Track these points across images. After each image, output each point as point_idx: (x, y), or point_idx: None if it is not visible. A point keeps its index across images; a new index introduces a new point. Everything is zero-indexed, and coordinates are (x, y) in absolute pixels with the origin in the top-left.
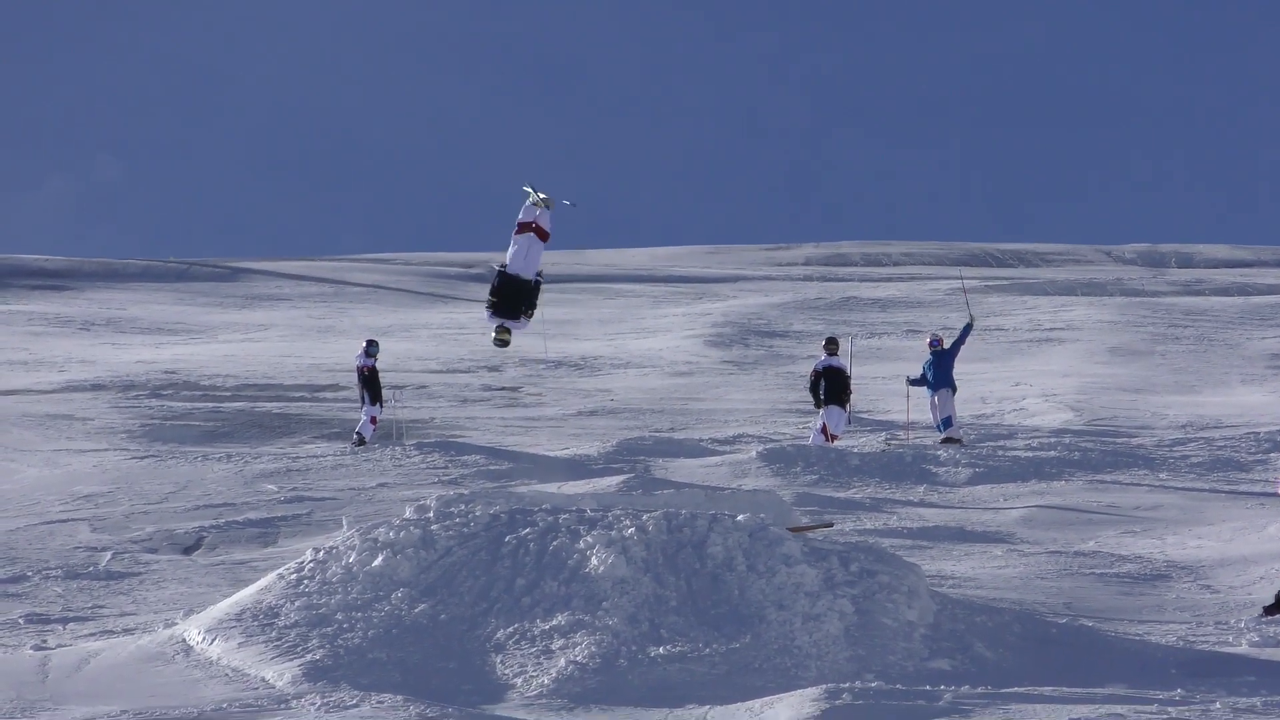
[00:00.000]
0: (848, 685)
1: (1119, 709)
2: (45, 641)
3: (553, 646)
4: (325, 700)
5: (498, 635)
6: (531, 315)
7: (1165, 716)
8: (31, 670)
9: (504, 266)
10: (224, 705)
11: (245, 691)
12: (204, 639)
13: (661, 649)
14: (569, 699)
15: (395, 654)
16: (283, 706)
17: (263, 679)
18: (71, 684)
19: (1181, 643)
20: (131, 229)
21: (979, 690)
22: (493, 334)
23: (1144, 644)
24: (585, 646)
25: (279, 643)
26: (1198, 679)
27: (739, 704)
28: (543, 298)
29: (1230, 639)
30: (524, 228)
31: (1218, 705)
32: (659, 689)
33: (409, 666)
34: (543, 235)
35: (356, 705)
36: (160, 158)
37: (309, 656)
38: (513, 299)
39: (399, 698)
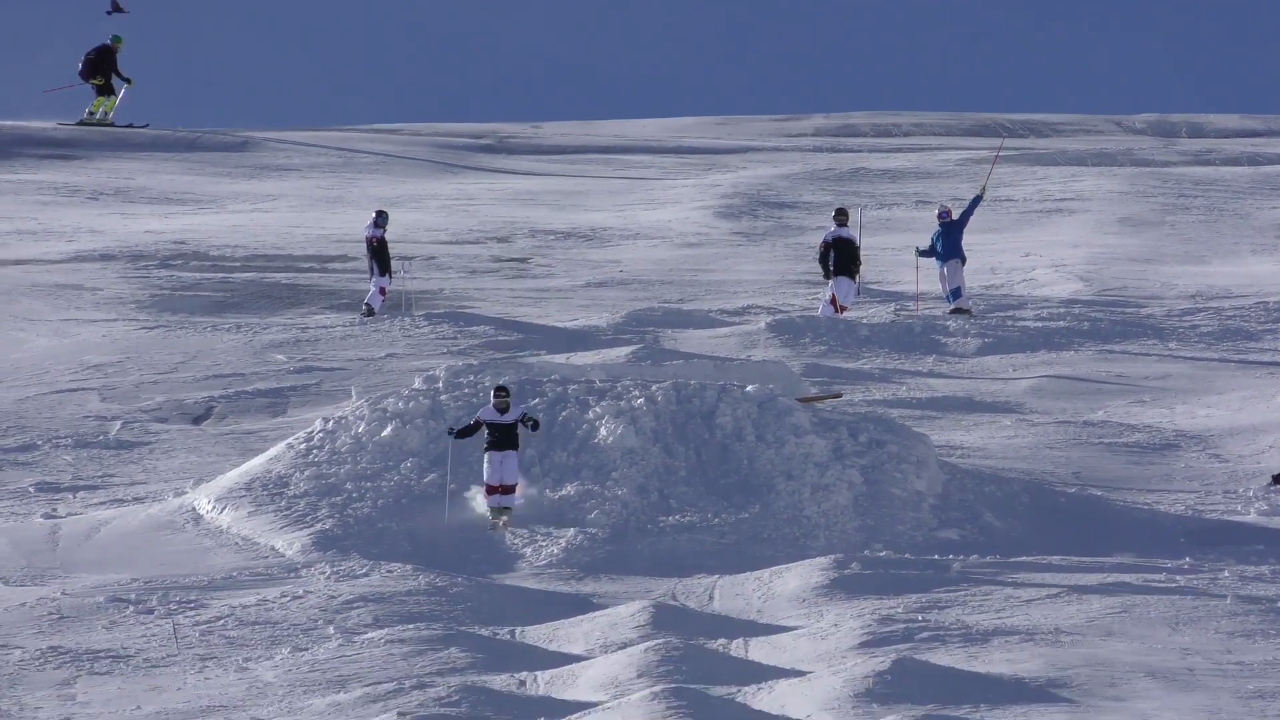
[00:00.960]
0: (857, 555)
1: (1127, 577)
2: (55, 510)
3: (563, 516)
4: (335, 569)
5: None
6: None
7: (1173, 585)
8: (42, 538)
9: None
10: (234, 574)
11: (255, 560)
12: (214, 508)
13: (670, 519)
14: (578, 568)
15: (404, 523)
16: (292, 575)
17: (272, 548)
18: (81, 552)
19: (1190, 511)
20: (140, 98)
21: (987, 559)
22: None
23: (1152, 513)
24: (595, 517)
25: (288, 512)
26: (1206, 547)
27: (748, 573)
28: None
29: (1239, 508)
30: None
31: (1226, 573)
32: (668, 559)
33: (418, 536)
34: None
35: (366, 574)
36: (166, 23)
37: (318, 526)
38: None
39: (408, 567)
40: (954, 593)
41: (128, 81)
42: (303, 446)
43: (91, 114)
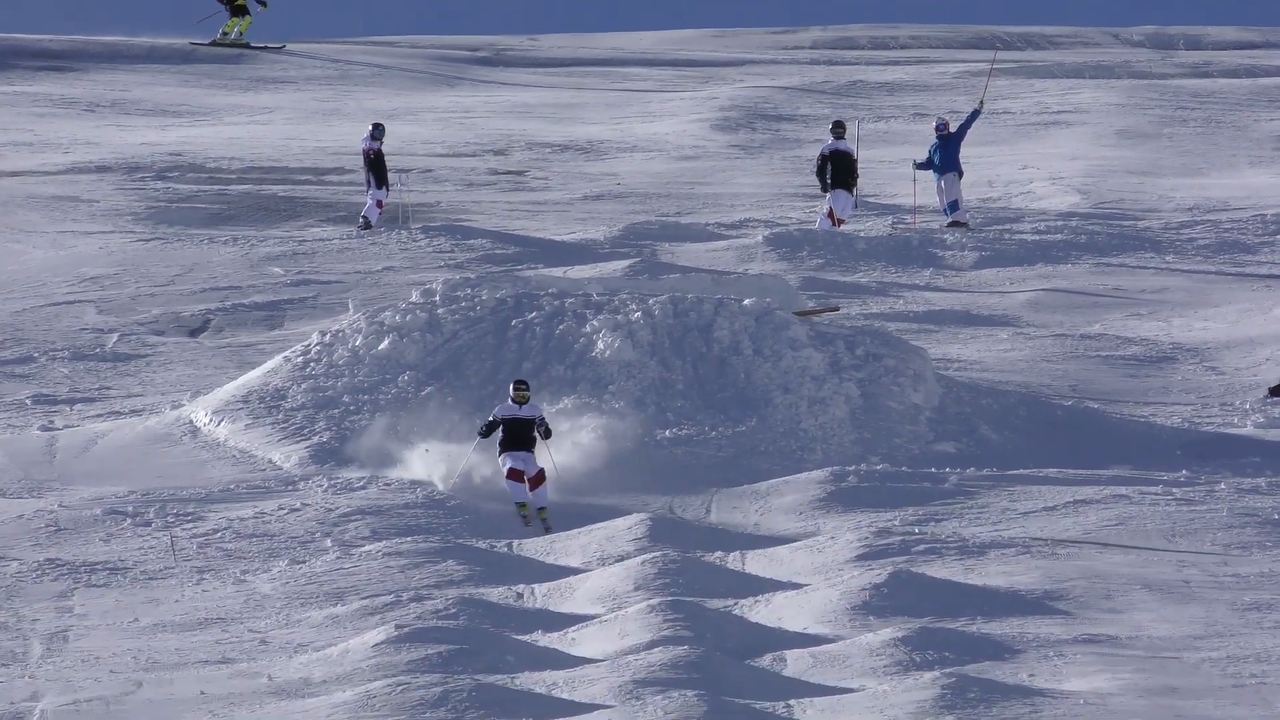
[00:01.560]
0: (853, 468)
1: (1124, 490)
2: (52, 422)
3: (560, 430)
4: (332, 482)
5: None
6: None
7: (1170, 497)
8: (39, 450)
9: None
10: (231, 486)
11: (253, 473)
12: (211, 421)
13: (668, 432)
14: (574, 480)
15: (402, 436)
16: (289, 488)
17: (270, 460)
18: (79, 464)
19: (1186, 424)
20: (135, 8)
21: (984, 472)
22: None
23: (1149, 426)
24: (592, 429)
25: (286, 425)
26: (1202, 460)
27: (745, 486)
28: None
29: (1235, 420)
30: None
31: (1222, 486)
32: (665, 472)
33: (415, 448)
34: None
35: (363, 487)
36: None
37: (316, 439)
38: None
39: (406, 479)
40: (950, 505)
41: (263, 5)
42: (300, 360)
43: (225, 34)
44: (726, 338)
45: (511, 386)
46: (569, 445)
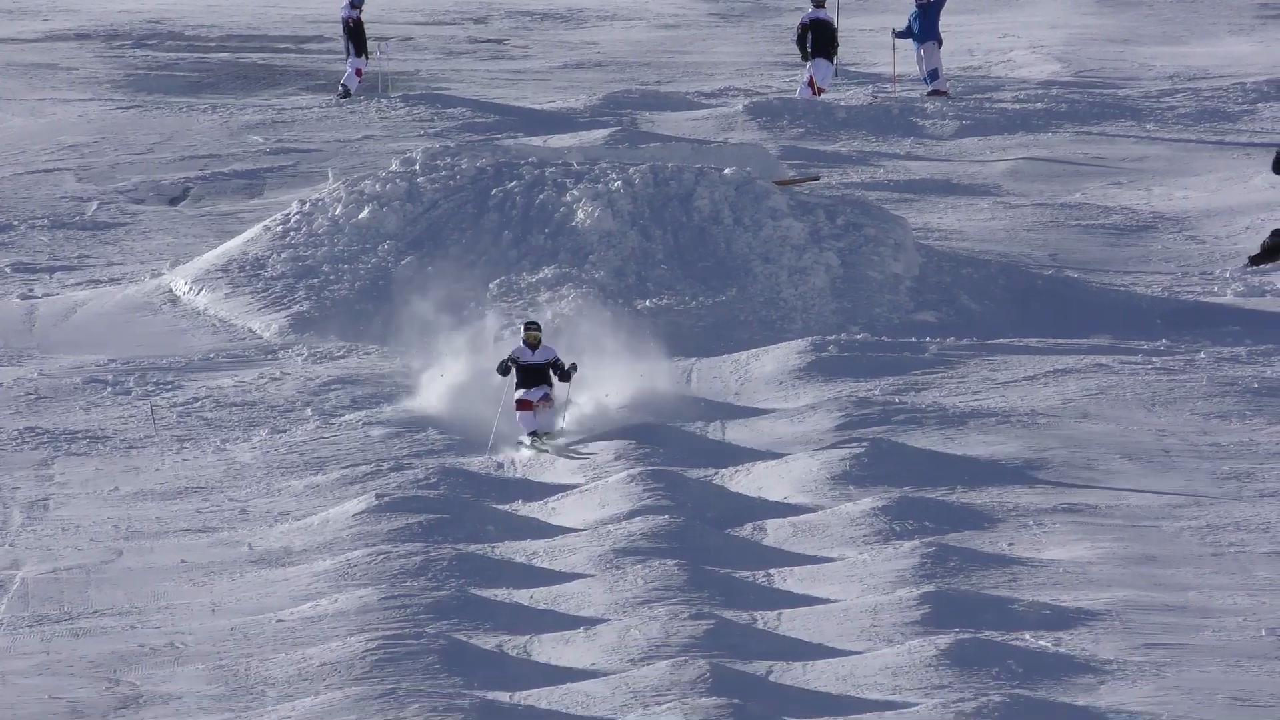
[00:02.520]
0: (833, 338)
1: (1104, 359)
2: (32, 291)
3: (540, 299)
4: (312, 351)
5: (484, 289)
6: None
7: (1150, 366)
8: (19, 319)
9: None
10: (211, 355)
11: (232, 342)
12: (191, 289)
13: (648, 302)
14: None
15: (382, 306)
16: (270, 357)
17: (250, 329)
18: (59, 333)
19: (1166, 293)
20: None
21: (964, 342)
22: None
23: (1129, 295)
24: (572, 299)
25: (265, 294)
26: (1182, 329)
27: (725, 356)
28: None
29: (1215, 289)
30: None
31: (1202, 355)
32: (645, 341)
33: (396, 318)
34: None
35: (343, 355)
36: None
37: (295, 308)
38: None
39: (385, 348)
40: (931, 375)
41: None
42: (279, 229)
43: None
44: (707, 207)
45: (523, 327)
46: (549, 315)
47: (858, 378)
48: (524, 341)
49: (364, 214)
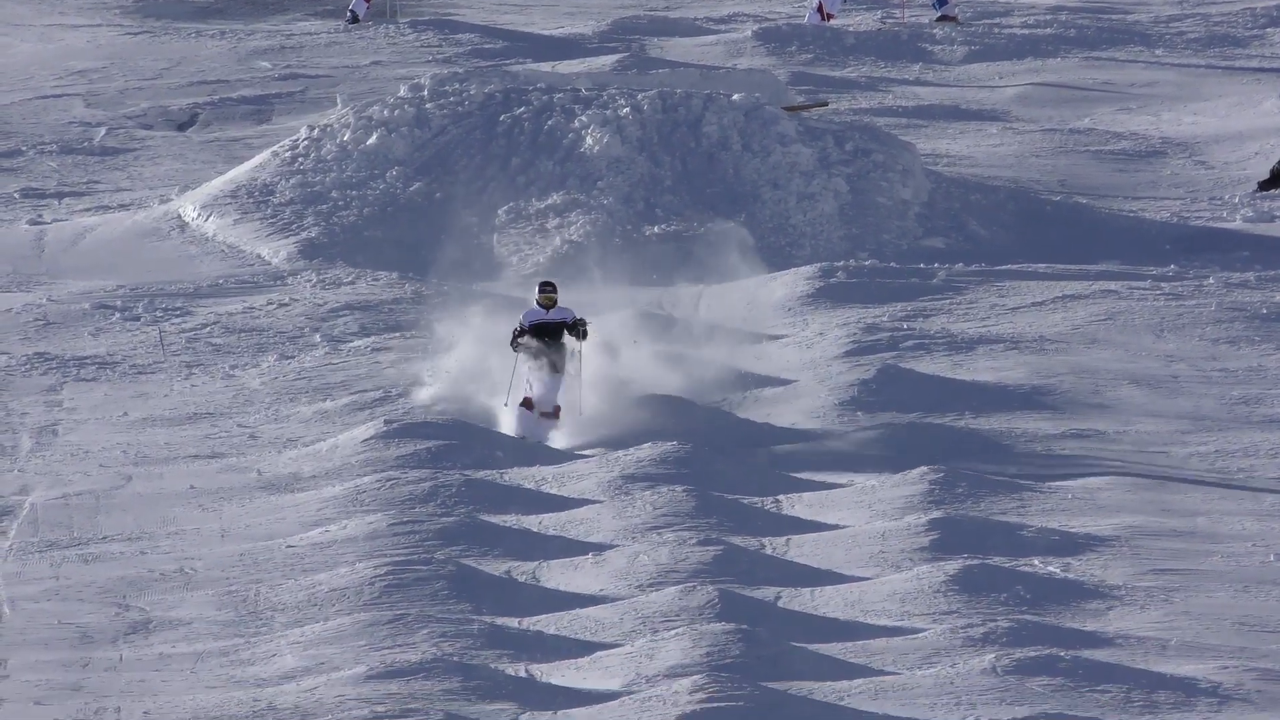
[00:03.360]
0: (842, 263)
1: (1112, 285)
2: (41, 216)
3: (548, 225)
4: (321, 277)
5: (493, 215)
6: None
7: (1159, 292)
8: (28, 244)
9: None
10: (220, 281)
11: (241, 267)
12: (199, 215)
13: (656, 228)
14: (564, 277)
15: (390, 232)
16: (278, 282)
17: (258, 255)
18: (68, 258)
19: (1176, 219)
20: None
21: (973, 268)
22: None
23: (1138, 220)
24: (580, 225)
25: (274, 220)
26: (1191, 254)
27: (732, 282)
28: None
29: (1224, 214)
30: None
31: (1211, 280)
32: (653, 267)
33: (404, 244)
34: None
35: (352, 282)
36: None
37: (304, 234)
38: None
39: (394, 274)
40: (939, 301)
41: None
42: (288, 154)
43: None
44: (715, 133)
45: (537, 288)
46: (558, 241)
47: (866, 304)
48: (538, 303)
49: (372, 140)
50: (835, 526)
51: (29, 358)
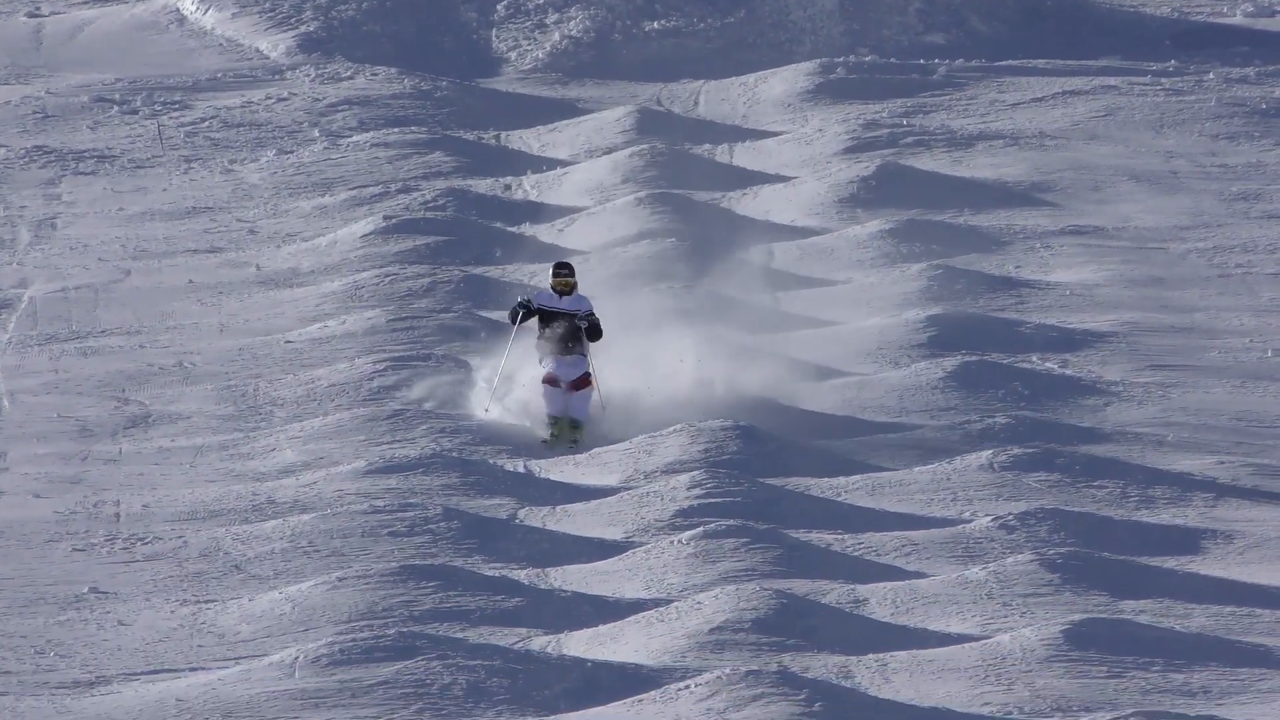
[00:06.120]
0: (842, 60)
1: (1112, 80)
2: (39, 9)
3: (547, 20)
4: (320, 72)
5: (492, 10)
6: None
7: (1159, 87)
8: (26, 37)
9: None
10: (218, 75)
11: (240, 62)
12: (198, 8)
13: (656, 24)
14: (563, 73)
15: (389, 27)
16: (277, 77)
17: (257, 49)
18: (66, 51)
19: (1176, 14)
20: None
21: (973, 63)
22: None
23: (1138, 15)
24: (579, 20)
25: (273, 14)
26: (1191, 50)
27: (732, 78)
28: None
29: (1225, 9)
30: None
31: (1211, 76)
32: (653, 63)
33: (403, 40)
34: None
35: (351, 77)
36: None
37: (303, 28)
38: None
39: (393, 70)
40: (939, 97)
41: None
42: None
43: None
44: None
45: (551, 270)
46: (557, 36)
47: (866, 99)
48: (552, 287)
49: None
50: (833, 323)
51: (28, 151)
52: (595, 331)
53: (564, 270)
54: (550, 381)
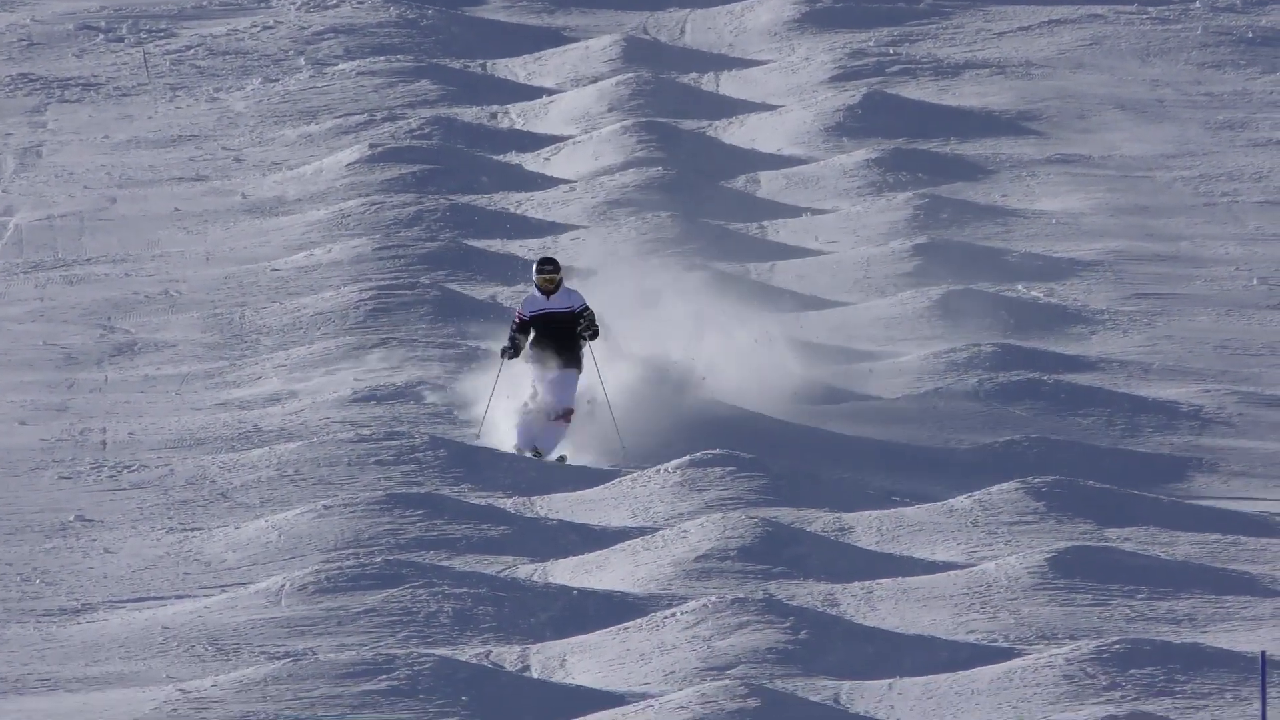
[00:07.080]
0: None
1: (1098, 9)
2: None
3: None
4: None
5: None
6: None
7: (1145, 16)
8: None
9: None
10: (204, 2)
11: None
12: None
13: None
14: (549, 0)
15: None
16: (262, 5)
17: None
18: None
19: None
20: None
21: None
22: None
23: None
24: None
25: None
26: None
27: (719, 7)
28: None
29: None
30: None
31: (1197, 4)
32: None
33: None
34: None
35: (336, 5)
36: None
37: None
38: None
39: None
40: (925, 26)
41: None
42: None
43: None
44: None
45: (534, 268)
46: None
47: (852, 28)
48: (537, 287)
49: None
50: (819, 253)
51: (12, 79)
52: (593, 330)
53: (548, 267)
54: (528, 412)
